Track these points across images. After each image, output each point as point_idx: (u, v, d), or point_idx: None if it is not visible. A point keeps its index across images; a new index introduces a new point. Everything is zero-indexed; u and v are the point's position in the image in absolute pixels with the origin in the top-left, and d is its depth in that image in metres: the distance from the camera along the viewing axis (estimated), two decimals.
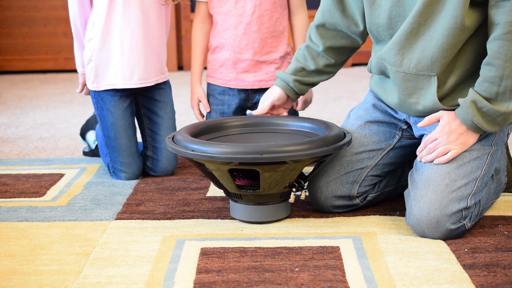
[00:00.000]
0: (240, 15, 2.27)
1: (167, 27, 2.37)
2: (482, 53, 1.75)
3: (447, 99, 1.79)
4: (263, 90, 2.34)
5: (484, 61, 1.70)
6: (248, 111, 2.11)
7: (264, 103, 2.05)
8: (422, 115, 1.83)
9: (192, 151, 1.78)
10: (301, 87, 2.03)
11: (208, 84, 2.40)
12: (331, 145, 1.79)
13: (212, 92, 2.38)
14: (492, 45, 1.68)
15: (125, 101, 2.30)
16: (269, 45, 2.30)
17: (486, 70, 1.69)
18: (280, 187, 1.83)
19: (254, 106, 2.38)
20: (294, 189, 1.85)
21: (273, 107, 2.06)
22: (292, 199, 1.85)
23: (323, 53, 2.01)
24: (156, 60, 2.31)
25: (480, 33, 1.74)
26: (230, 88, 2.35)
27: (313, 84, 2.06)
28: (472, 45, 1.75)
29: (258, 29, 2.27)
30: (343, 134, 1.89)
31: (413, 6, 1.74)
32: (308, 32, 2.04)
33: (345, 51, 2.02)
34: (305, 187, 1.87)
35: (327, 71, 2.04)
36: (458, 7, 1.67)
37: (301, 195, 1.89)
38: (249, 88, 2.33)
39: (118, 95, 2.29)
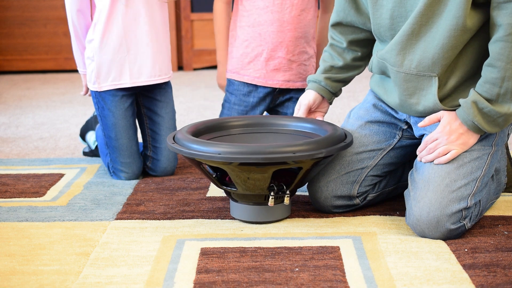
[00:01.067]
0: (278, 12, 2.25)
1: (167, 24, 2.36)
2: (483, 55, 1.75)
3: (448, 99, 1.79)
4: (288, 92, 2.32)
5: (486, 62, 1.70)
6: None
7: (300, 109, 2.03)
8: (423, 115, 1.83)
9: (173, 143, 1.83)
10: (333, 84, 2.03)
11: (231, 81, 2.35)
12: (297, 153, 1.73)
13: (235, 92, 2.34)
14: (494, 47, 1.68)
15: (127, 101, 2.30)
16: (302, 46, 2.29)
17: (487, 71, 1.69)
18: (257, 189, 1.82)
19: (277, 107, 2.35)
20: (272, 193, 1.82)
21: (309, 111, 2.05)
22: (271, 202, 1.82)
23: (348, 48, 2.01)
24: (163, 57, 2.31)
25: (481, 34, 1.74)
26: (256, 88, 2.32)
27: (345, 81, 2.05)
28: (473, 46, 1.75)
29: (293, 28, 2.26)
30: (342, 136, 1.86)
31: (415, 6, 1.74)
32: (329, 34, 2.05)
33: (369, 43, 2.02)
34: (287, 192, 1.83)
35: (356, 65, 2.04)
36: (460, 8, 1.67)
37: (284, 200, 1.85)
38: (277, 87, 2.31)
39: (119, 95, 2.29)
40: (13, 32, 4.58)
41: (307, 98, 2.03)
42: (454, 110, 1.77)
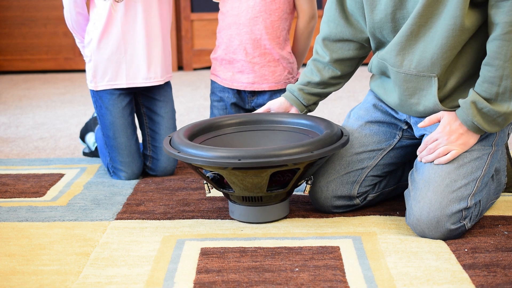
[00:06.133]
0: (235, 16, 2.27)
1: (169, 25, 2.36)
2: (482, 54, 1.75)
3: (448, 100, 1.79)
4: (261, 94, 2.32)
5: (484, 61, 1.70)
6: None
7: (262, 107, 2.09)
8: (423, 115, 1.83)
9: (170, 147, 1.84)
10: (306, 96, 2.03)
11: (211, 80, 2.40)
12: (285, 156, 1.74)
13: (215, 90, 2.38)
14: (491, 45, 1.68)
15: (124, 99, 2.30)
16: (263, 47, 2.27)
17: (485, 71, 1.69)
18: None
19: (253, 110, 2.37)
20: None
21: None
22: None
23: (330, 65, 2.00)
24: (161, 58, 2.31)
25: (480, 34, 1.74)
26: (227, 88, 2.35)
27: (320, 95, 2.04)
28: (473, 46, 1.75)
29: (250, 31, 2.26)
30: (337, 135, 1.86)
31: (415, 7, 1.74)
32: (314, 47, 2.04)
33: (352, 63, 2.01)
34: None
35: (333, 83, 2.03)
36: (458, 8, 1.67)
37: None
38: (242, 89, 2.32)
39: (117, 93, 2.29)
40: (13, 32, 4.57)
41: (273, 101, 2.07)
42: (454, 110, 1.77)
